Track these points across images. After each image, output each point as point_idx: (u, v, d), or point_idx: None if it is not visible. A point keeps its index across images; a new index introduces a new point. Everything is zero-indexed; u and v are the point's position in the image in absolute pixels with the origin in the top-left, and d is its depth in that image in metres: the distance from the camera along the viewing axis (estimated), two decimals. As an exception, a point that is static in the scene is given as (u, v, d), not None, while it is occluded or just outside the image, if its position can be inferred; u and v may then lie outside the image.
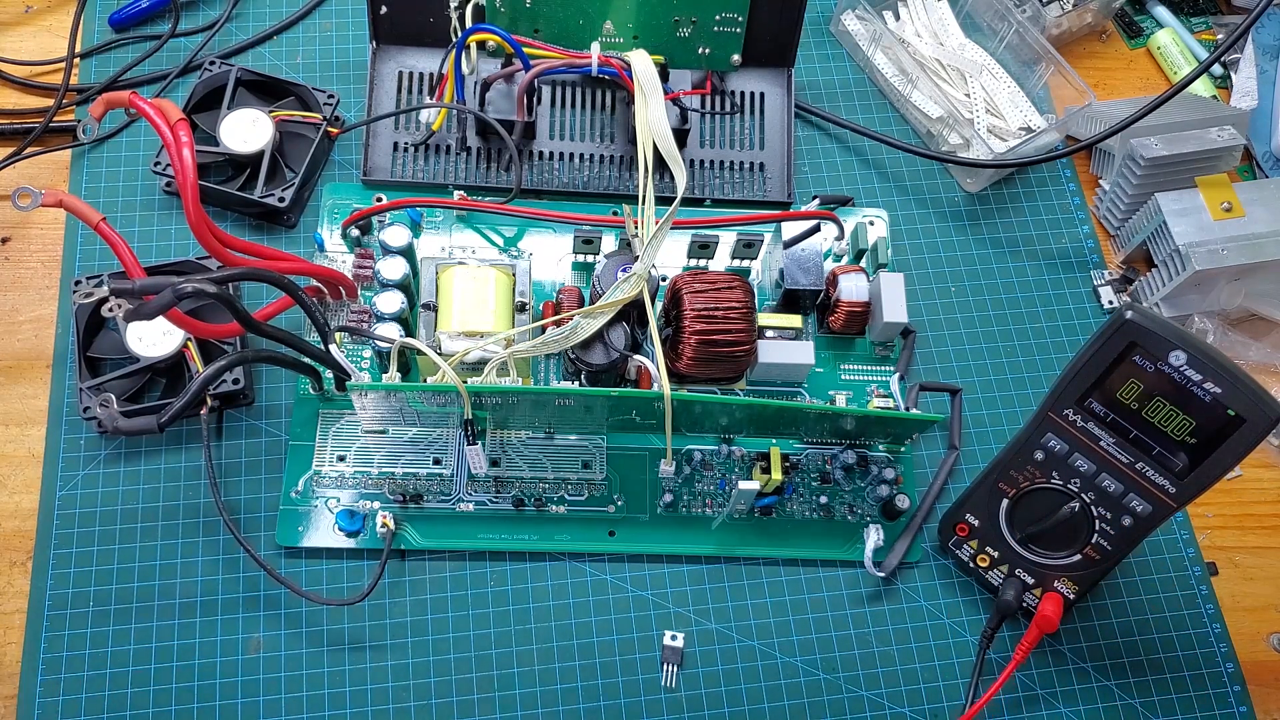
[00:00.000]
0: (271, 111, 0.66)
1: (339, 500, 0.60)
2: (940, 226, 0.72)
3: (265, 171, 0.65)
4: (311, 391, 0.60)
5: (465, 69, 0.67)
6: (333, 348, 0.56)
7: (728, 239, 0.66)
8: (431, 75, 0.71)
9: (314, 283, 0.62)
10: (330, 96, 0.68)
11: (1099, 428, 0.53)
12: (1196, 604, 0.63)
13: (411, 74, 0.71)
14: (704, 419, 0.59)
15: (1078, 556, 0.57)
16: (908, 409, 0.62)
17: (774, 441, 0.62)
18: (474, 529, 0.60)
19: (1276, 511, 0.67)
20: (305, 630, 0.57)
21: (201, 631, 0.57)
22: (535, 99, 0.70)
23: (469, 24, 0.66)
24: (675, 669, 0.58)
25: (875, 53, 0.76)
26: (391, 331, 0.59)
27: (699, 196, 0.70)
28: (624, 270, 0.58)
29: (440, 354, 0.55)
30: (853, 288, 0.64)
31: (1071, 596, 0.58)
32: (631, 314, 0.59)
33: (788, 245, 0.65)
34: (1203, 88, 0.79)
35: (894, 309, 0.63)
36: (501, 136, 0.67)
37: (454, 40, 0.66)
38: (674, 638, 0.58)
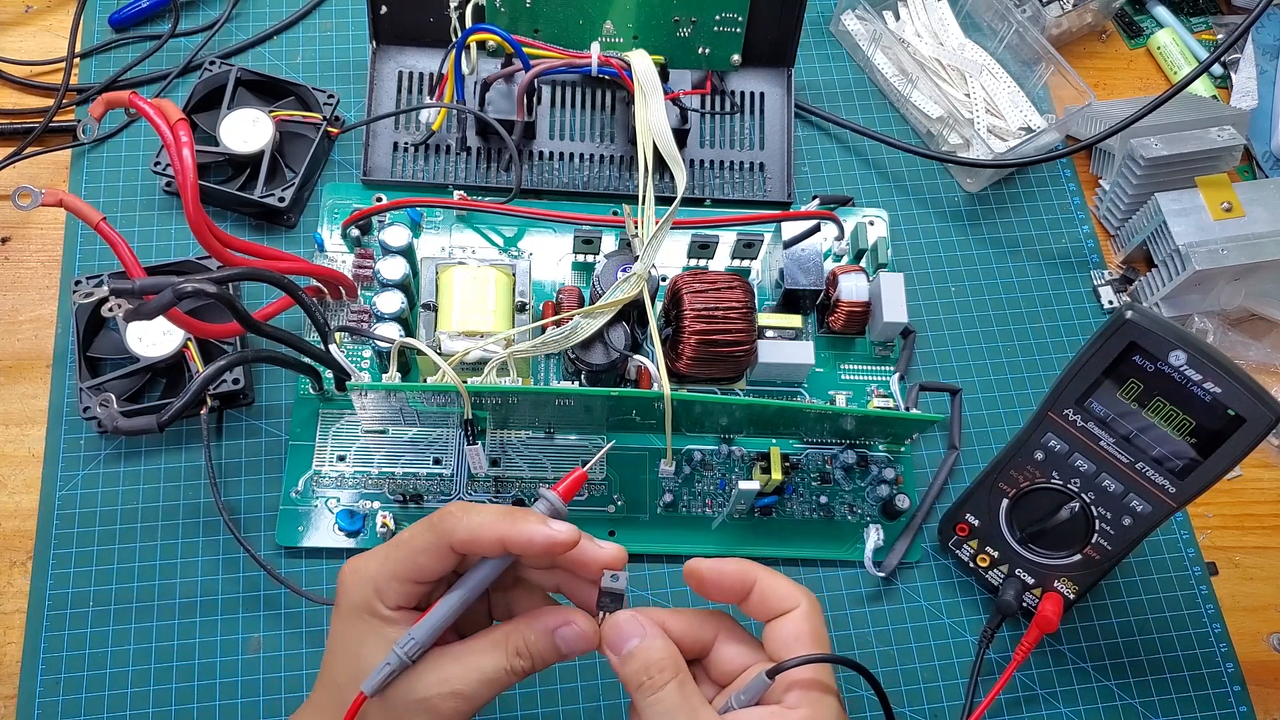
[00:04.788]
0: (271, 111, 0.66)
1: (339, 500, 0.60)
2: (940, 226, 0.72)
3: (265, 171, 0.65)
4: (311, 391, 0.60)
5: (465, 69, 0.67)
6: (333, 348, 0.56)
7: (728, 239, 0.66)
8: (431, 75, 0.71)
9: (314, 283, 0.62)
10: (330, 96, 0.68)
11: (1099, 428, 0.53)
12: (1196, 604, 0.63)
13: (411, 74, 0.71)
14: (704, 419, 0.59)
15: (1078, 556, 0.57)
16: (908, 409, 0.62)
17: (774, 441, 0.62)
18: (474, 529, 0.60)
19: (1276, 511, 0.67)
20: (305, 630, 0.57)
21: (201, 631, 0.57)
22: (535, 99, 0.70)
23: (469, 24, 0.66)
24: None
25: (875, 53, 0.76)
26: (391, 331, 0.59)
27: (699, 196, 0.70)
28: (624, 270, 0.58)
29: (440, 354, 0.56)
30: (853, 288, 0.64)
31: (1071, 596, 0.58)
32: (631, 314, 0.59)
33: (788, 245, 0.65)
34: (1203, 88, 0.79)
35: (894, 309, 0.63)
36: (501, 136, 0.67)
37: (454, 40, 0.66)
38: (615, 578, 0.42)
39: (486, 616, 0.45)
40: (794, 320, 0.63)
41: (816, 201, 0.67)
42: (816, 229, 0.65)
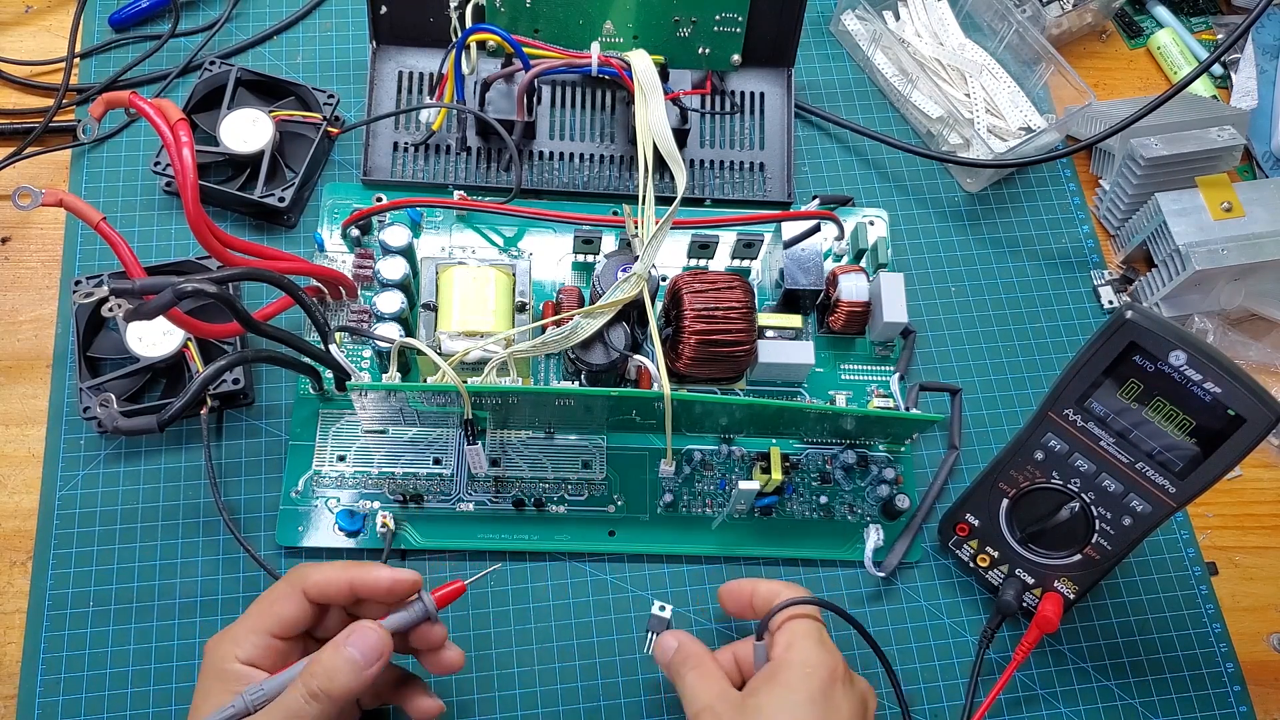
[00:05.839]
0: (271, 111, 0.66)
1: (339, 500, 0.60)
2: (940, 226, 0.72)
3: (265, 171, 0.65)
4: (311, 391, 0.60)
5: (465, 69, 0.67)
6: (333, 348, 0.56)
7: (728, 239, 0.66)
8: (431, 75, 0.71)
9: (314, 283, 0.62)
10: (330, 96, 0.68)
11: (1099, 428, 0.53)
12: (1196, 604, 0.63)
13: (411, 74, 0.71)
14: (704, 419, 0.59)
15: (1078, 556, 0.57)
16: (908, 409, 0.62)
17: (774, 441, 0.62)
18: (474, 529, 0.60)
19: (1276, 511, 0.67)
20: (305, 630, 0.57)
21: (201, 631, 0.57)
22: (535, 99, 0.70)
23: (469, 24, 0.66)
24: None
25: (875, 53, 0.76)
26: (391, 331, 0.59)
27: (699, 196, 0.70)
28: (624, 270, 0.58)
29: (440, 354, 0.56)
30: (853, 288, 0.64)
31: (1071, 596, 0.58)
32: (631, 314, 0.59)
33: (788, 245, 0.65)
34: (1203, 88, 0.79)
35: (894, 309, 0.63)
36: (501, 136, 0.67)
37: (454, 40, 0.66)
38: (662, 608, 0.56)
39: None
40: (794, 320, 0.63)
41: (816, 201, 0.67)
42: (816, 229, 0.65)
